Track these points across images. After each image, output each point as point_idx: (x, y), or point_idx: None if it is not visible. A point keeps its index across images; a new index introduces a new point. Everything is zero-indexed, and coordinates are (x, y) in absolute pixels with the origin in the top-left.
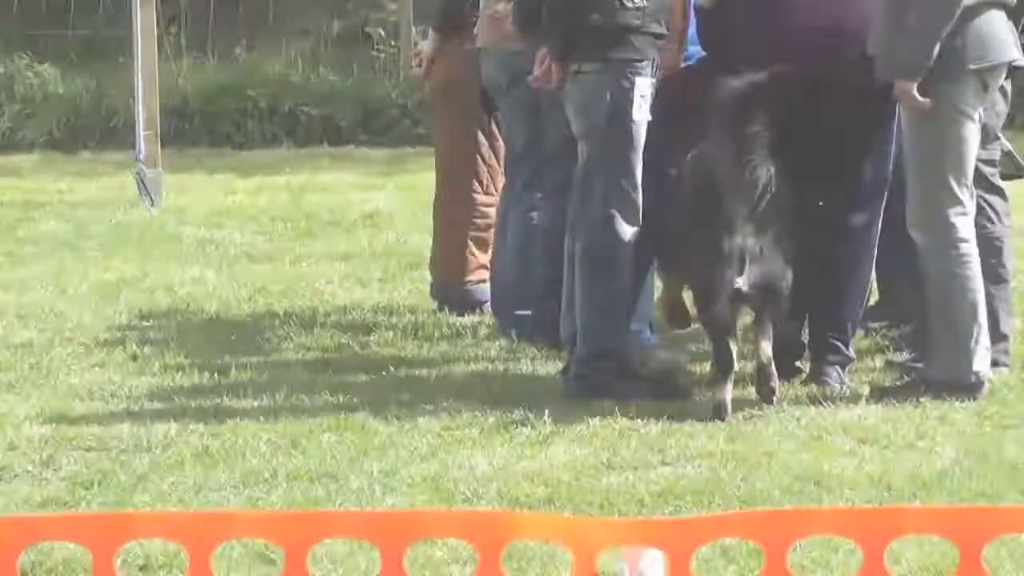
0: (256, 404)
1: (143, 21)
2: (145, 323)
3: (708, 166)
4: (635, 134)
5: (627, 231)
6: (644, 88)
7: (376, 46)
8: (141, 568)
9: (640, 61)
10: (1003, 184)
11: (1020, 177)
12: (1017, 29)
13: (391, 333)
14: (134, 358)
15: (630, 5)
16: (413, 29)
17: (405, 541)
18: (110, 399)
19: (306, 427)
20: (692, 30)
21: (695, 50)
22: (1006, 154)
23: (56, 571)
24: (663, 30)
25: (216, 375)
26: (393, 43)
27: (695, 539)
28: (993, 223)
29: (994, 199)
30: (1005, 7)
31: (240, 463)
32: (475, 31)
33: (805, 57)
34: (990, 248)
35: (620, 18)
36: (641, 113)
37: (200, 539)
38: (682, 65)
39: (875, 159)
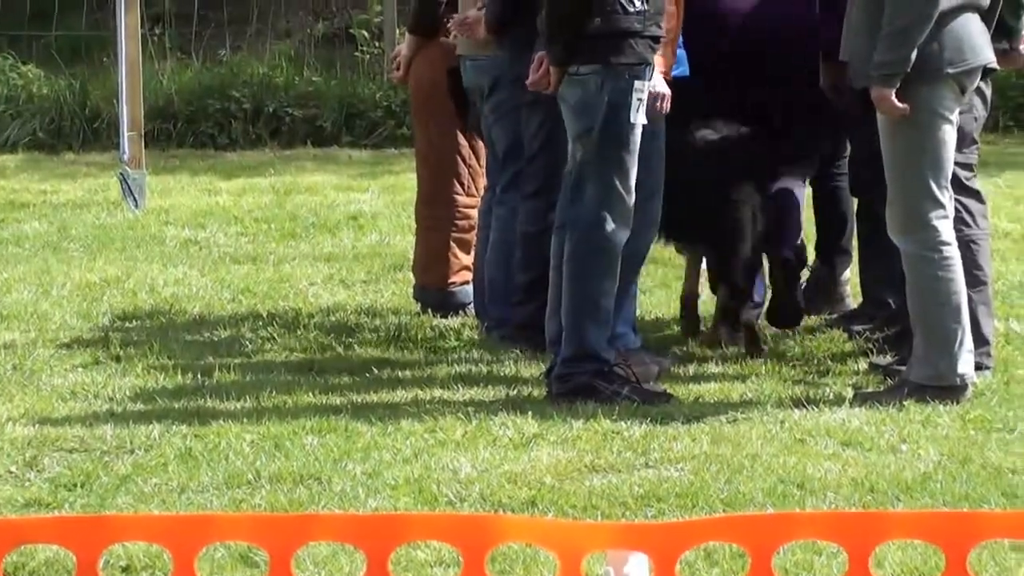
0: (239, 406)
1: (127, 22)
2: (128, 324)
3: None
4: (631, 137)
5: (617, 234)
6: (642, 91)
7: (360, 47)
8: (124, 570)
9: (639, 65)
10: (978, 186)
11: None
12: (990, 31)
13: (374, 335)
14: (117, 359)
15: (631, 9)
16: (397, 31)
17: (390, 544)
18: (93, 400)
19: (289, 429)
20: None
21: (682, 53)
22: None
23: (39, 573)
24: (662, 33)
25: (199, 376)
26: (377, 44)
27: (681, 543)
28: (969, 226)
29: (970, 201)
30: (979, 9)
31: (223, 465)
32: (451, 37)
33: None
34: (967, 251)
35: (623, 23)
36: (639, 116)
37: (183, 541)
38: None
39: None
